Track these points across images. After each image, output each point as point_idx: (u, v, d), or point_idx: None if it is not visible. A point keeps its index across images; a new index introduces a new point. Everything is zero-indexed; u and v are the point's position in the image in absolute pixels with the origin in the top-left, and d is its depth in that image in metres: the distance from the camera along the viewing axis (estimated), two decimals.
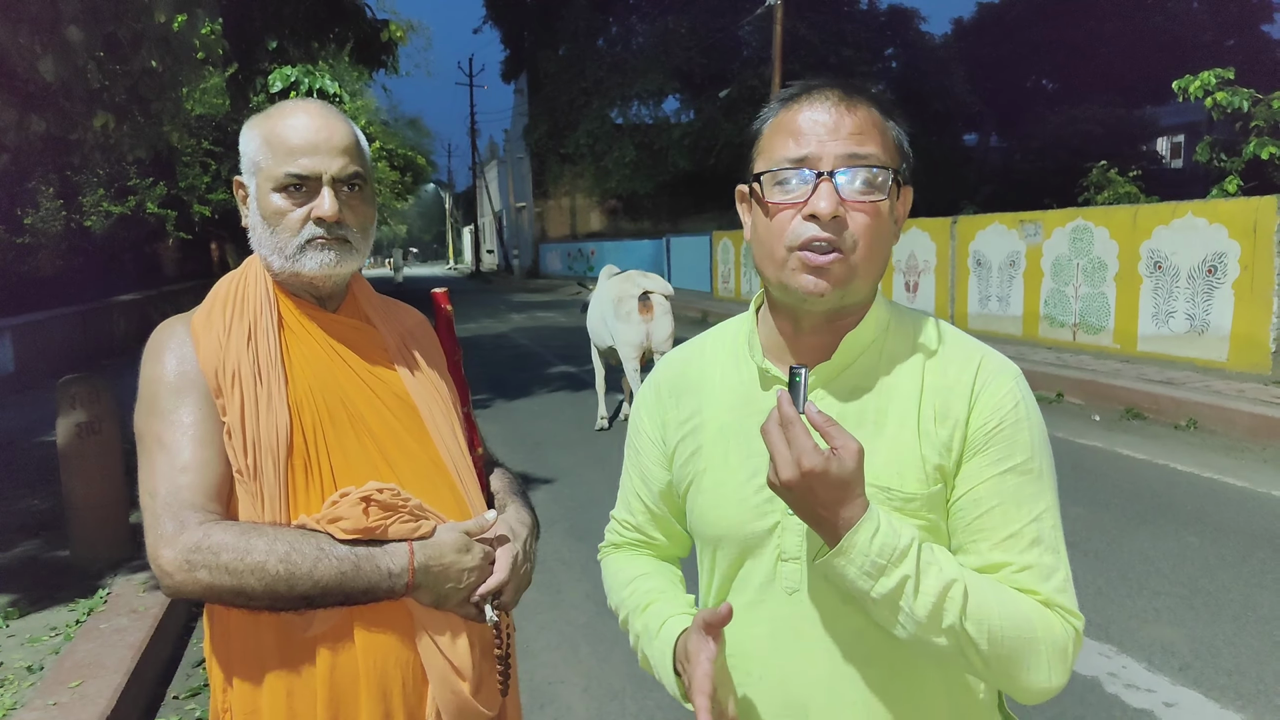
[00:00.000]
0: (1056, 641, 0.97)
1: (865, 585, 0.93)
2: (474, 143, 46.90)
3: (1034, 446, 1.02)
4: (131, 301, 14.70)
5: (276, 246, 1.28)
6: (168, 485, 1.18)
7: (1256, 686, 3.05)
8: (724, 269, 19.49)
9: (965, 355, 1.07)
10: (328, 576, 1.14)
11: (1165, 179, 21.78)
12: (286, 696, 1.22)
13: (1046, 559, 1.00)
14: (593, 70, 29.82)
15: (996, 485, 1.00)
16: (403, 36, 9.39)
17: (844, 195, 0.99)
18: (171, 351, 1.25)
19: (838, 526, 0.92)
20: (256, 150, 1.28)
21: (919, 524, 1.01)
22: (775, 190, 1.02)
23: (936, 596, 0.92)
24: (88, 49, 4.69)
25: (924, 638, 0.94)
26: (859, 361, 1.07)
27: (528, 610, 3.93)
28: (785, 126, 1.02)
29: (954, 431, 1.02)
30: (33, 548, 4.62)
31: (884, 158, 1.01)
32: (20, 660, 3.32)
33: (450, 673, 1.25)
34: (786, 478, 0.91)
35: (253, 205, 1.31)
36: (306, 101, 1.33)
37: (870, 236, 1.00)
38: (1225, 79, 10.32)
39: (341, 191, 1.28)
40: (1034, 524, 1.00)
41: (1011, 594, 0.97)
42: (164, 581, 1.16)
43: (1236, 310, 8.04)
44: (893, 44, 31.12)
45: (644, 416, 1.25)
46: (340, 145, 1.28)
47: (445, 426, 1.39)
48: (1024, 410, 1.03)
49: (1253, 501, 5.02)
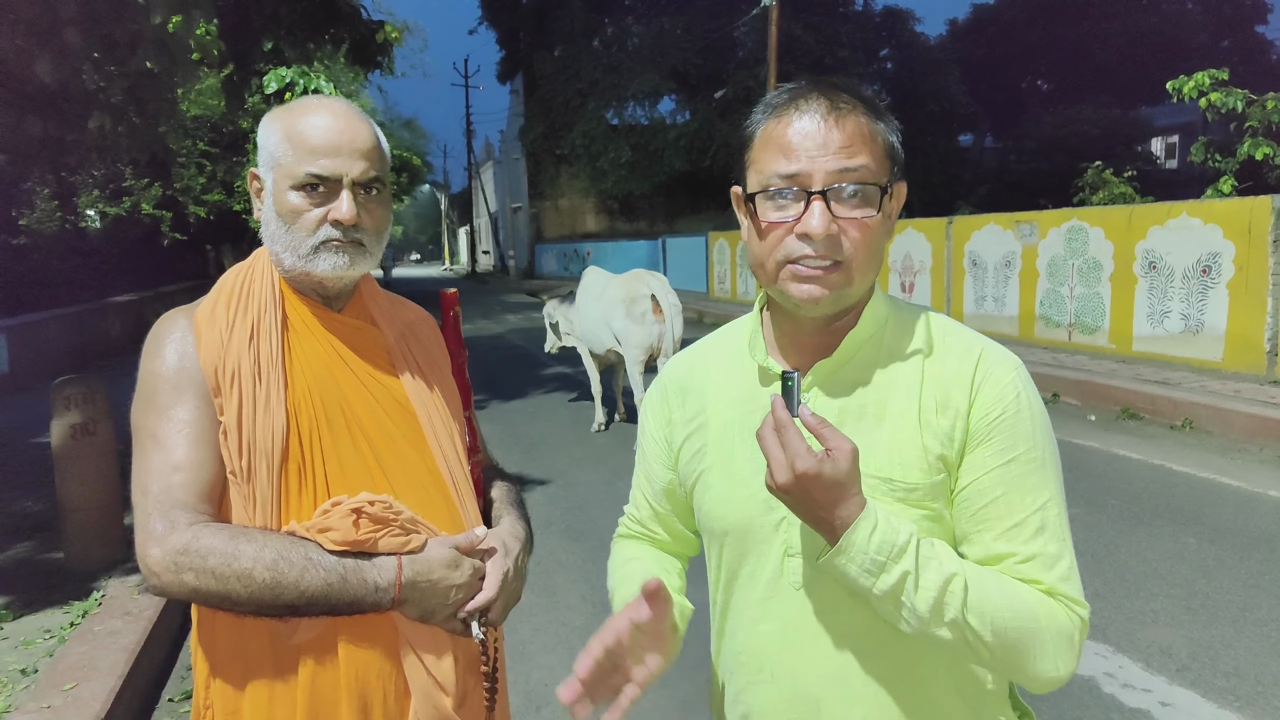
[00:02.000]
0: (1061, 630, 0.98)
1: (867, 582, 0.94)
2: (470, 144, 46.85)
3: (1036, 436, 1.03)
4: (127, 303, 14.65)
5: (290, 245, 1.26)
6: (160, 483, 1.17)
7: (1254, 688, 3.06)
8: (720, 269, 19.49)
9: (965, 347, 1.07)
10: (314, 587, 1.13)
11: (1160, 179, 21.84)
12: (268, 701, 1.21)
13: (1051, 548, 1.00)
14: (588, 71, 29.83)
15: (1000, 475, 1.01)
16: (398, 37, 9.37)
17: (836, 213, 1.00)
18: (172, 345, 1.24)
19: (835, 526, 0.94)
20: (276, 145, 1.26)
21: (923, 514, 1.02)
22: (768, 207, 1.03)
23: (937, 591, 0.94)
24: (84, 51, 4.68)
25: (928, 631, 0.95)
26: (858, 356, 1.09)
27: (523, 612, 3.92)
28: (775, 140, 1.03)
29: (955, 422, 1.03)
30: (26, 550, 4.60)
31: (875, 168, 1.01)
32: (14, 663, 3.31)
33: (433, 687, 1.24)
34: (782, 481, 0.93)
35: (268, 200, 1.28)
36: (331, 100, 1.30)
37: (864, 249, 1.02)
38: (1220, 80, 10.34)
39: (360, 194, 1.27)
40: (1038, 513, 1.01)
41: (1014, 585, 0.98)
42: (150, 580, 1.15)
43: (1231, 310, 8.06)
44: (888, 45, 31.20)
45: (650, 417, 1.27)
46: (362, 148, 1.26)
47: (444, 434, 1.37)
48: (1025, 400, 1.04)
49: (1250, 502, 5.03)
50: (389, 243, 1.47)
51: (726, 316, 16.00)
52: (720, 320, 16.04)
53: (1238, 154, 10.38)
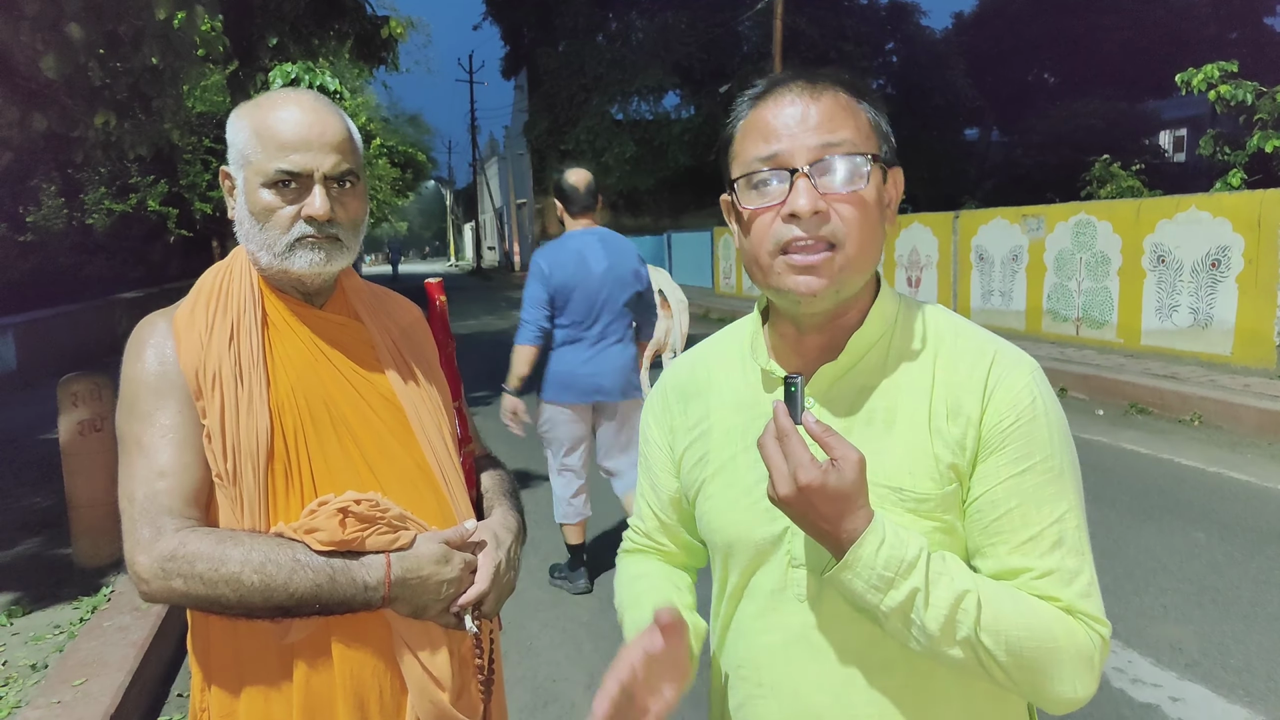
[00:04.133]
0: (1081, 650, 0.93)
1: (874, 599, 0.90)
2: (474, 139, 46.83)
3: (1053, 443, 0.97)
4: (134, 299, 14.69)
5: (265, 243, 1.24)
6: (145, 490, 1.16)
7: (1265, 684, 3.04)
8: (725, 264, 19.47)
9: (978, 349, 1.01)
10: (303, 588, 1.12)
11: (1168, 173, 21.70)
12: (264, 703, 1.21)
13: (1069, 562, 0.95)
14: (592, 66, 29.78)
15: (1015, 485, 0.95)
16: (403, 33, 9.35)
17: (823, 190, 0.94)
18: (152, 349, 1.22)
19: (841, 539, 0.89)
20: (245, 142, 1.23)
21: (934, 525, 0.97)
22: (752, 195, 0.98)
23: (948, 608, 0.89)
24: (89, 46, 4.68)
25: (938, 650, 0.91)
26: (866, 359, 1.03)
27: (530, 608, 3.92)
28: (754, 126, 0.99)
29: (967, 430, 0.97)
30: (35, 546, 4.62)
31: (859, 141, 0.96)
32: (24, 658, 3.32)
33: (429, 683, 1.24)
34: (784, 493, 0.88)
35: (240, 199, 1.26)
36: (298, 92, 1.26)
37: (858, 227, 0.95)
38: (1229, 72, 10.25)
39: (333, 188, 1.24)
40: (1055, 525, 0.95)
41: (1030, 602, 0.93)
42: (140, 588, 1.15)
43: (1240, 304, 8.02)
44: (893, 38, 31.05)
45: (652, 424, 1.23)
46: (333, 141, 1.23)
47: (432, 428, 1.36)
48: (1041, 406, 0.98)
49: (1259, 497, 5.00)
50: (396, 239, 1.45)
51: (732, 312, 15.98)
52: (726, 316, 16.06)
53: (1247, 147, 10.31)
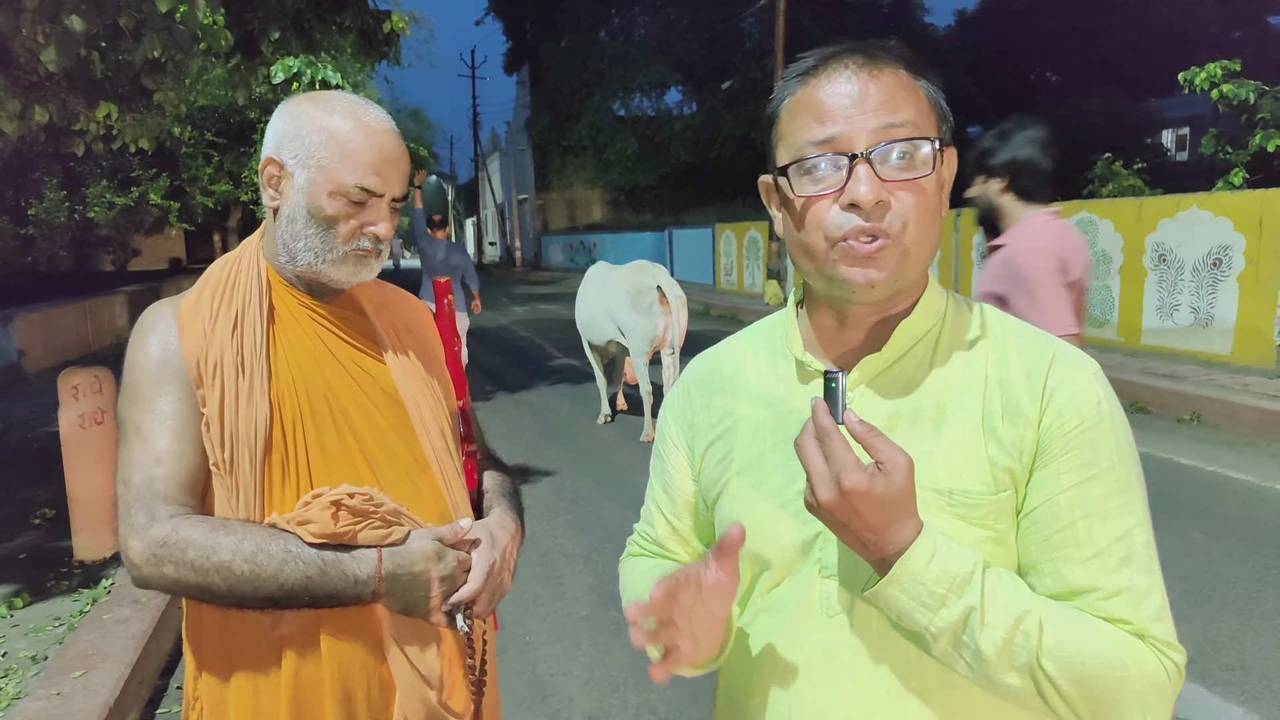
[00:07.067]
0: (1154, 680, 0.83)
1: (922, 618, 0.82)
2: (476, 135, 46.77)
3: (1119, 451, 0.89)
4: (135, 292, 14.70)
5: (315, 246, 1.24)
6: (141, 475, 1.17)
7: (1260, 681, 3.05)
8: (726, 261, 19.46)
9: (1036, 348, 0.94)
10: (293, 580, 1.12)
11: (1170, 172, 21.64)
12: (253, 693, 1.21)
13: (1139, 582, 0.86)
14: (594, 62, 29.77)
15: (1078, 496, 0.87)
16: (405, 28, 9.33)
17: (884, 176, 0.86)
18: (156, 337, 1.23)
19: (887, 552, 0.81)
20: (320, 144, 1.22)
21: (985, 534, 0.89)
22: (804, 181, 0.89)
23: (1007, 630, 0.80)
24: (90, 38, 4.67)
25: (993, 676, 0.82)
26: (912, 353, 0.95)
27: (529, 603, 3.93)
28: (805, 105, 0.90)
29: (1025, 432, 0.89)
30: (36, 538, 4.63)
31: (921, 123, 0.89)
32: (23, 650, 3.33)
33: (418, 680, 1.24)
34: (825, 498, 0.80)
35: (296, 196, 1.24)
36: (375, 107, 1.29)
37: (919, 215, 0.88)
38: (1231, 71, 10.24)
39: (394, 210, 1.29)
40: (1123, 540, 0.86)
41: (1096, 624, 0.84)
42: (132, 573, 1.16)
43: (1241, 303, 8.02)
44: (895, 35, 30.87)
45: (670, 421, 1.14)
46: (404, 169, 1.28)
47: (433, 424, 1.36)
48: (1107, 409, 0.90)
49: (1257, 496, 5.01)
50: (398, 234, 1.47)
51: (733, 308, 15.98)
52: (726, 312, 16.05)
53: (1249, 146, 10.29)
